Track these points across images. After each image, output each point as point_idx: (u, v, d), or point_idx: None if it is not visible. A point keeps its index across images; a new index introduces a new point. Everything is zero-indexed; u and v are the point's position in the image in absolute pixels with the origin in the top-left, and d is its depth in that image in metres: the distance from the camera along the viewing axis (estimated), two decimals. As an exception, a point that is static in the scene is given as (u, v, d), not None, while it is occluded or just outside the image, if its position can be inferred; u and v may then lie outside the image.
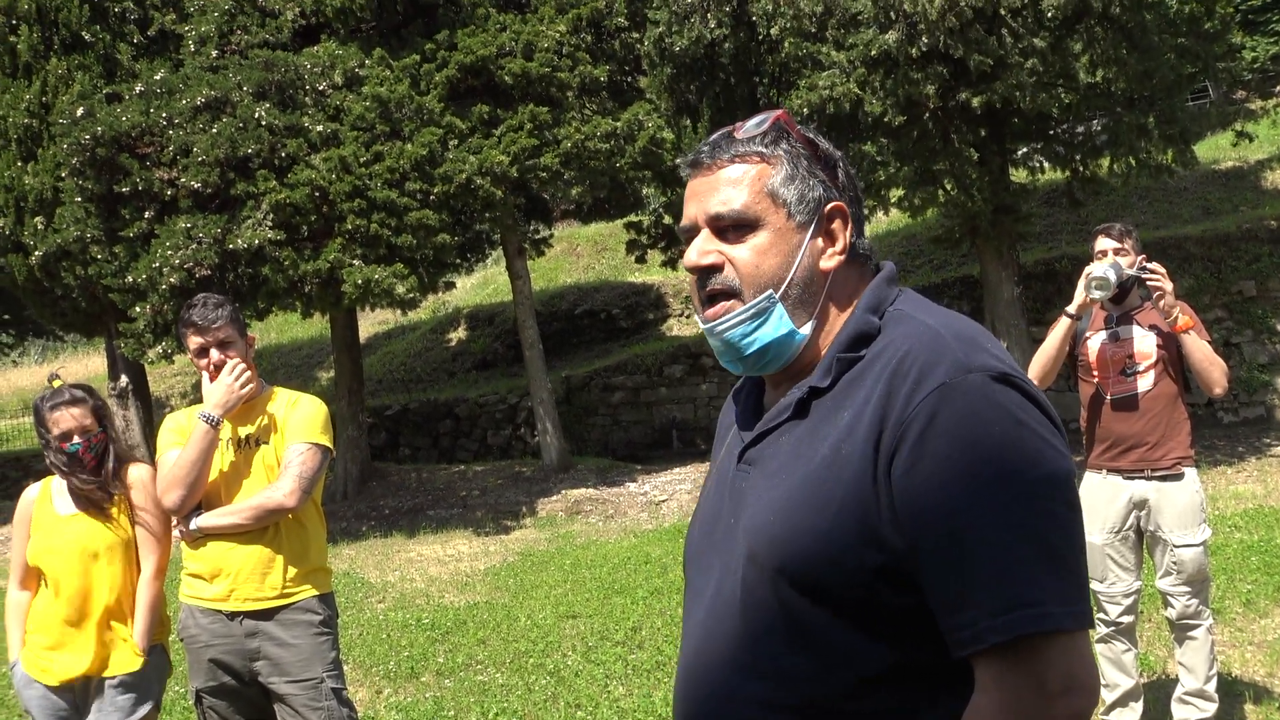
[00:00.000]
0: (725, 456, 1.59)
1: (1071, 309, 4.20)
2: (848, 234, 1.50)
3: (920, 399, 1.31)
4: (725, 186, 1.48)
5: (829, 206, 1.49)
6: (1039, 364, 4.27)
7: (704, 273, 1.50)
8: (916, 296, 1.51)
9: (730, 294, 1.48)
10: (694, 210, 1.52)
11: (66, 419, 3.46)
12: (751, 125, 1.51)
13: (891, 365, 1.37)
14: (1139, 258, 4.27)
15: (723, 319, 1.48)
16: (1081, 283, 4.11)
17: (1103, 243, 4.31)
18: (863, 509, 1.33)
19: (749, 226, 1.47)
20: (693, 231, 1.53)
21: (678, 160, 1.60)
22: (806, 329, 1.48)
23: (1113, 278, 4.04)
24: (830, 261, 1.49)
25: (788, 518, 1.38)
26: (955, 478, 1.28)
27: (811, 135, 1.52)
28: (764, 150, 1.49)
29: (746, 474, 1.50)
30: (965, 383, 1.31)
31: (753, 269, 1.47)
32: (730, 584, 1.45)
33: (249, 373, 3.45)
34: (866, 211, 11.65)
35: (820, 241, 1.49)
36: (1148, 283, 4.13)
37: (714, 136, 1.54)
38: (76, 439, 3.46)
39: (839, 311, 1.50)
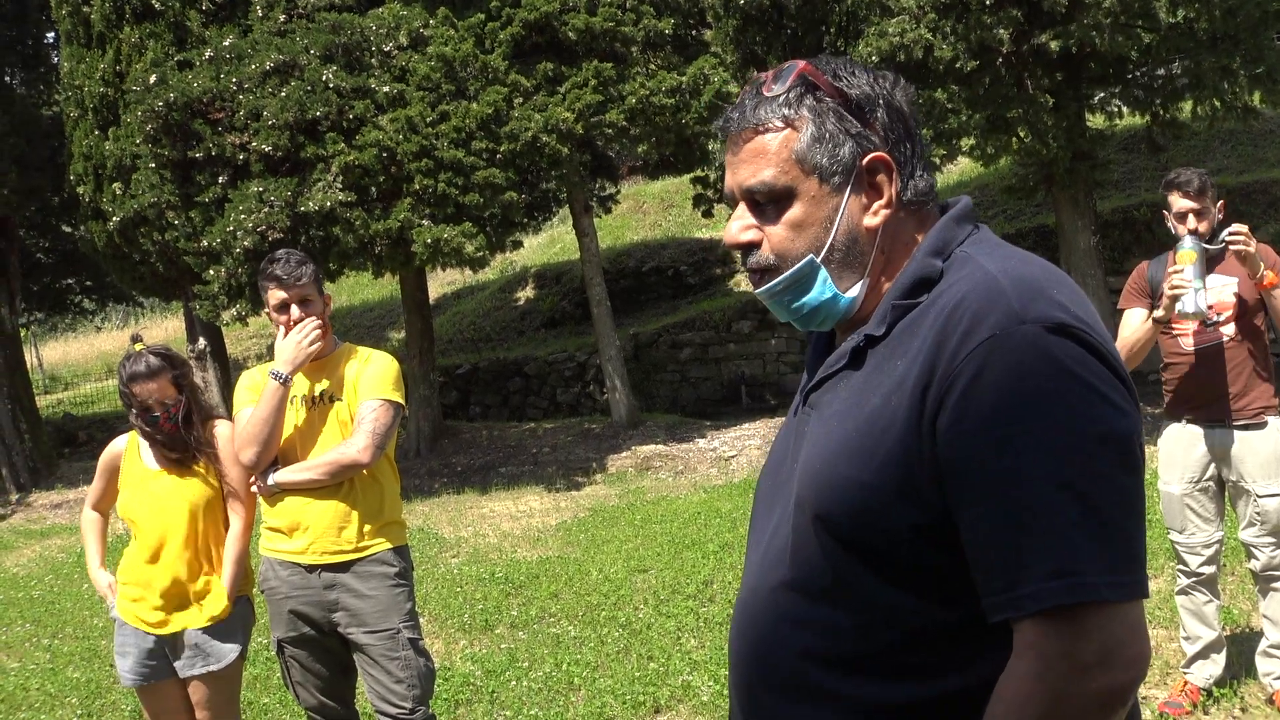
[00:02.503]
0: (798, 396, 1.57)
1: (1159, 315, 4.05)
2: (894, 184, 1.41)
3: (968, 351, 1.25)
4: (753, 160, 1.42)
5: (868, 159, 1.40)
6: (1122, 355, 4.14)
7: (744, 250, 1.46)
8: (989, 236, 1.43)
9: (769, 270, 1.44)
10: (730, 182, 1.47)
11: (145, 392, 3.52)
12: (777, 81, 1.43)
13: (945, 314, 1.30)
14: (1217, 207, 4.12)
15: (764, 288, 1.45)
16: (1171, 300, 3.92)
17: (1180, 202, 4.07)
18: (906, 463, 1.28)
19: (782, 198, 1.41)
20: (734, 201, 1.48)
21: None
22: (855, 289, 1.43)
23: (1204, 308, 3.90)
24: (875, 219, 1.42)
25: (833, 467, 1.35)
26: (1001, 436, 1.22)
27: (841, 82, 1.42)
28: (787, 113, 1.40)
29: (809, 417, 1.47)
30: (1017, 334, 1.24)
31: (788, 244, 1.42)
32: (784, 528, 1.43)
33: (317, 331, 3.49)
34: (938, 161, 11.45)
35: (864, 197, 1.41)
36: (1231, 248, 3.98)
37: (741, 96, 1.47)
38: (157, 412, 3.53)
39: (901, 259, 1.43)
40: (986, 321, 1.26)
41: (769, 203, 1.43)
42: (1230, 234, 3.97)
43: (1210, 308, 4.04)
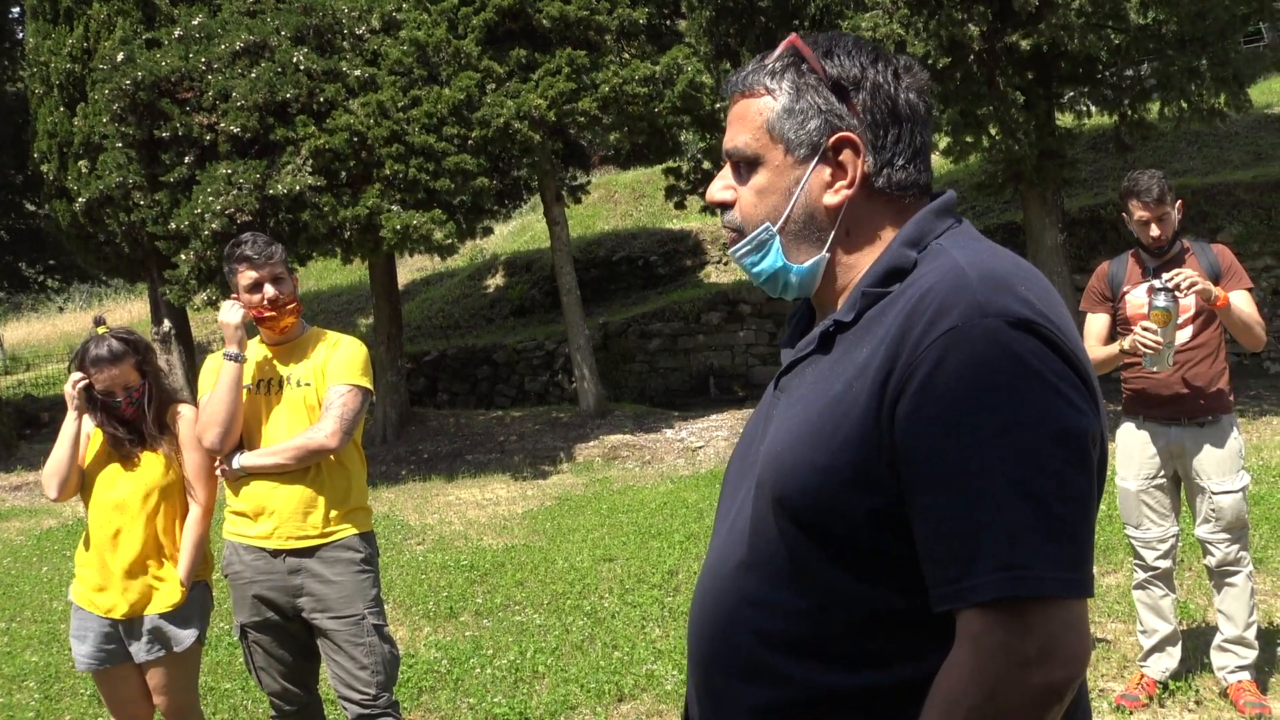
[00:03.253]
0: (771, 380, 1.59)
1: (1125, 346, 4.08)
2: (860, 165, 1.42)
3: (930, 341, 1.25)
4: (735, 123, 1.48)
5: (834, 138, 1.42)
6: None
7: (721, 209, 1.52)
8: (968, 231, 1.44)
9: (737, 230, 1.50)
10: (724, 143, 1.54)
11: (109, 378, 3.47)
12: (772, 53, 1.49)
13: (911, 303, 1.30)
14: (1176, 207, 4.14)
15: (733, 248, 1.51)
16: (1138, 348, 3.96)
17: (1140, 212, 4.11)
18: (864, 450, 1.29)
19: (752, 164, 1.47)
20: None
21: (718, 105, 1.58)
22: (809, 263, 1.46)
23: (1169, 364, 3.98)
24: (835, 197, 1.43)
25: (794, 450, 1.36)
26: (955, 427, 1.23)
27: (829, 60, 1.43)
28: (769, 83, 1.45)
29: (778, 400, 1.49)
30: (978, 327, 1.24)
31: (750, 208, 1.47)
32: (745, 510, 1.44)
33: (230, 302, 3.51)
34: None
35: (827, 175, 1.43)
36: (1188, 297, 4.02)
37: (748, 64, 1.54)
38: (119, 397, 3.50)
39: (869, 245, 1.45)
40: (950, 313, 1.26)
41: (745, 166, 1.48)
42: (1188, 285, 3.94)
43: (1175, 297, 4.09)
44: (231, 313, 3.51)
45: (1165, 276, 3.97)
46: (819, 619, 1.34)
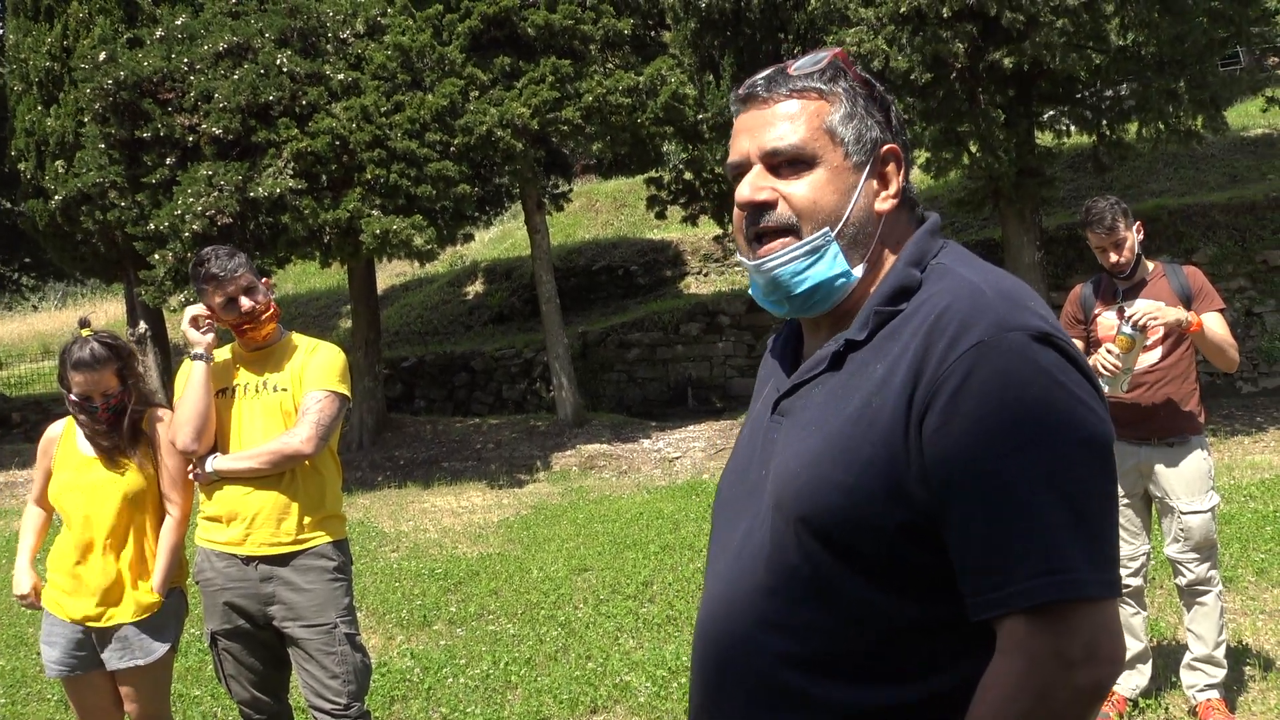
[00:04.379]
0: (761, 407, 1.57)
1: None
2: (901, 177, 1.48)
3: (956, 356, 1.29)
4: (782, 121, 1.45)
5: (885, 148, 1.47)
6: None
7: (756, 210, 1.46)
8: (961, 250, 1.48)
9: (785, 231, 1.45)
10: (746, 145, 1.47)
11: (86, 382, 3.43)
12: (807, 62, 1.48)
13: (929, 320, 1.34)
14: (1135, 229, 4.18)
15: (775, 255, 1.44)
16: (1097, 368, 3.95)
17: (1095, 240, 4.17)
18: (891, 465, 1.31)
19: (805, 163, 1.44)
20: (743, 167, 1.48)
21: (700, 116, 1.56)
22: (858, 271, 1.45)
23: (1124, 390, 4.01)
24: (885, 204, 1.46)
25: (815, 470, 1.36)
26: (989, 438, 1.25)
27: (868, 76, 1.50)
28: (822, 87, 1.46)
29: (779, 425, 1.48)
30: (1004, 341, 1.28)
31: (810, 204, 1.43)
32: (759, 534, 1.43)
33: (190, 310, 3.51)
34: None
35: (875, 183, 1.46)
36: (1156, 331, 4.06)
37: (767, 71, 1.50)
38: (96, 402, 3.46)
39: (889, 257, 1.47)
40: (974, 328, 1.30)
41: (788, 165, 1.45)
42: (1150, 321, 3.97)
43: (1143, 330, 4.14)
44: (188, 318, 3.51)
45: (1129, 314, 4.01)
46: (843, 636, 1.35)
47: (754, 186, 1.46)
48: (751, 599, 1.42)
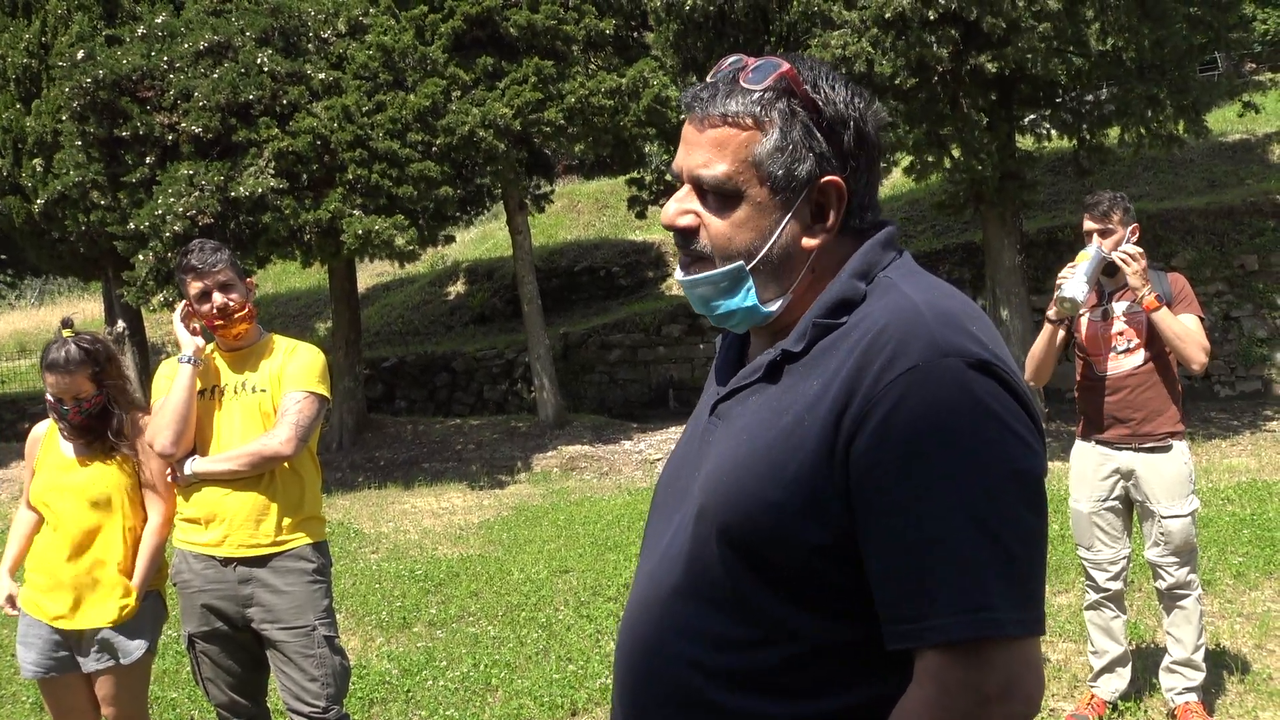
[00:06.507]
0: (703, 405, 1.54)
1: (1051, 315, 4.19)
2: (840, 210, 1.39)
3: (889, 380, 1.25)
4: (710, 149, 1.39)
5: (822, 181, 1.38)
6: (1031, 366, 4.33)
7: (679, 233, 1.44)
8: (910, 265, 1.42)
9: (703, 258, 1.42)
10: (681, 160, 1.44)
11: (58, 384, 3.40)
12: (756, 74, 1.39)
13: (866, 339, 1.30)
14: (1129, 230, 4.22)
15: (694, 279, 1.43)
16: (1055, 294, 4.07)
17: (1087, 223, 4.23)
18: (815, 484, 1.28)
19: (730, 197, 1.38)
20: (680, 179, 1.45)
21: (682, 118, 1.51)
22: (775, 305, 1.41)
23: (1080, 297, 4.01)
24: (814, 239, 1.40)
25: (741, 481, 1.33)
26: (916, 467, 1.22)
27: (819, 94, 1.38)
28: (758, 113, 1.36)
29: (715, 427, 1.46)
30: (939, 367, 1.24)
31: (725, 241, 1.39)
32: (681, 537, 1.41)
33: (181, 309, 3.47)
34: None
35: (808, 217, 1.39)
36: (1115, 261, 4.10)
37: (717, 74, 1.42)
38: (67, 405, 3.42)
39: (826, 279, 1.41)
40: (909, 352, 1.26)
41: (713, 195, 1.40)
42: (1121, 252, 4.08)
43: (1120, 334, 4.16)
44: (179, 315, 3.49)
45: (1122, 247, 4.09)
46: (756, 649, 1.33)
47: (678, 210, 1.43)
48: (670, 604, 1.40)
